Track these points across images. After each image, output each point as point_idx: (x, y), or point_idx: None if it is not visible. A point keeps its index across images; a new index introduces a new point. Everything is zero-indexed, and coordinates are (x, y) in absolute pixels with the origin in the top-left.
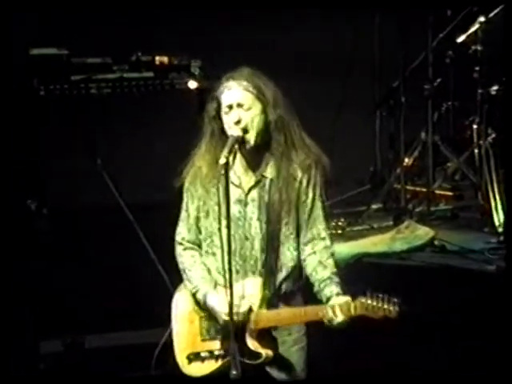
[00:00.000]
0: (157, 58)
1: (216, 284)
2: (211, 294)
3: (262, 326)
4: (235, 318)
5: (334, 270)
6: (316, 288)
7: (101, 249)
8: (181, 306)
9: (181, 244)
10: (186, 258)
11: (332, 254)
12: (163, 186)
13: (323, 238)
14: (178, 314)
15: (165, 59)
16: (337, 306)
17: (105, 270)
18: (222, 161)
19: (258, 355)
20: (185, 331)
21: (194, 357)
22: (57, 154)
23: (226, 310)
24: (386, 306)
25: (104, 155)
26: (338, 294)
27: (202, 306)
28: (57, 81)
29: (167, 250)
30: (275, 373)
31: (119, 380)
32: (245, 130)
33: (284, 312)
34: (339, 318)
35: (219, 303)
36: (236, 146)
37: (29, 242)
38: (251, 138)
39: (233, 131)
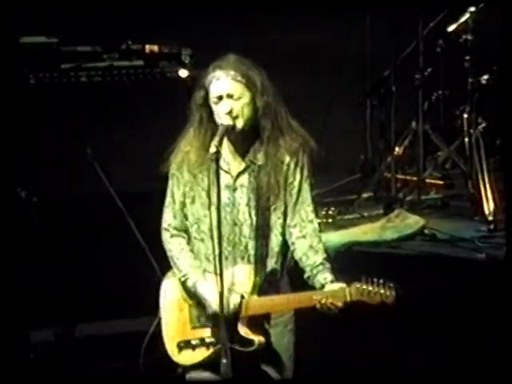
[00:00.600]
0: (147, 47)
1: (205, 271)
2: (201, 283)
3: (254, 313)
4: (226, 305)
5: (325, 255)
6: (308, 273)
7: (91, 238)
8: (169, 293)
9: (167, 230)
10: (173, 245)
11: (321, 238)
12: (154, 175)
13: (311, 221)
14: (167, 302)
15: (155, 48)
16: (332, 291)
17: (95, 258)
18: (213, 150)
19: (250, 342)
20: (174, 319)
21: (185, 345)
22: (47, 143)
23: (217, 299)
24: (382, 291)
25: (94, 144)
26: (332, 281)
27: (190, 294)
28: (46, 69)
29: (158, 238)
30: (265, 359)
31: (110, 369)
32: (235, 119)
33: (277, 298)
34: (335, 305)
35: (209, 292)
36: (226, 135)
37: (18, 231)
38: (240, 125)
39: (223, 120)
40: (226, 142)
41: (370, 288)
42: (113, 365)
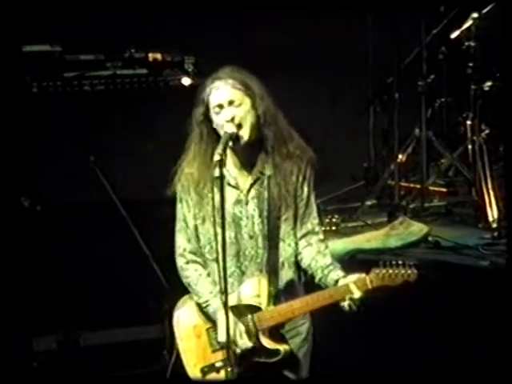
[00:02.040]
0: (150, 55)
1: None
2: (221, 312)
3: (274, 323)
4: (246, 322)
5: (333, 258)
6: (319, 275)
7: (95, 245)
8: (183, 322)
9: (183, 256)
10: (190, 272)
11: (327, 247)
12: (157, 183)
13: (317, 233)
14: (182, 332)
15: (158, 56)
16: (351, 282)
17: (99, 266)
18: (216, 158)
19: (276, 352)
20: (192, 347)
21: (209, 369)
22: (50, 151)
23: (233, 333)
24: (403, 271)
25: (97, 152)
26: (344, 277)
27: (210, 319)
28: (50, 77)
29: (161, 246)
30: (286, 369)
31: (114, 377)
32: (239, 127)
33: (296, 303)
34: (356, 294)
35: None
36: (230, 143)
37: (22, 239)
38: (245, 134)
39: (227, 128)
40: (230, 156)
41: (391, 271)
42: (117, 373)
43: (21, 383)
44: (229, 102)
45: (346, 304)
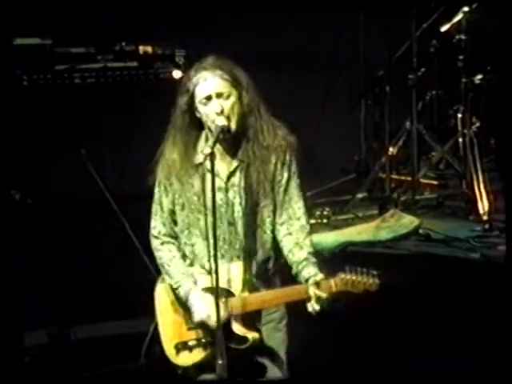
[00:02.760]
0: (141, 48)
1: (201, 271)
2: (193, 293)
3: (246, 310)
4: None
5: (311, 249)
6: (294, 270)
7: (86, 239)
8: (163, 296)
9: (157, 238)
10: (164, 252)
11: (309, 234)
12: (147, 175)
13: (298, 218)
14: (162, 305)
15: (149, 49)
16: (317, 284)
17: (90, 259)
18: (207, 151)
19: (244, 339)
20: (169, 321)
21: (182, 346)
22: (41, 144)
23: (206, 310)
24: (365, 280)
25: (88, 145)
26: (315, 275)
27: (181, 301)
28: (40, 70)
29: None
30: (259, 355)
31: (106, 371)
32: (228, 119)
33: (267, 294)
34: (322, 295)
35: (200, 303)
36: (221, 136)
37: (13, 233)
38: (233, 125)
39: (218, 121)
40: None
41: (354, 278)
42: (108, 367)
43: (13, 378)
44: (217, 95)
45: (311, 304)
